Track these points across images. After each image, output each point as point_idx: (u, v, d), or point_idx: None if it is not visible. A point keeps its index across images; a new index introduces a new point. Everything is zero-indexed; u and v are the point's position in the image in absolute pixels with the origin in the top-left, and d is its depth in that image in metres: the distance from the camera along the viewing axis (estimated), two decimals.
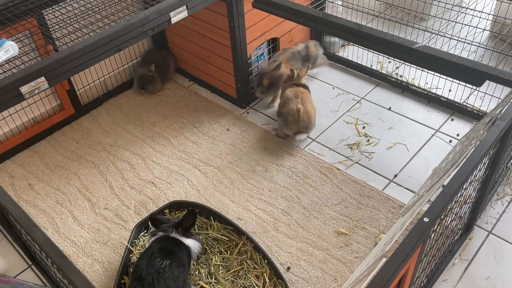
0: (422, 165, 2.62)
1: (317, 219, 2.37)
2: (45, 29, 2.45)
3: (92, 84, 3.21)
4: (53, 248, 1.46)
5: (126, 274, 2.13)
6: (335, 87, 3.23)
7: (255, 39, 2.93)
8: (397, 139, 2.79)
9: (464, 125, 2.85)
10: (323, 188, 2.53)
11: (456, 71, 1.98)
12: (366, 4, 3.29)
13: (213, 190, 2.57)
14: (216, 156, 2.78)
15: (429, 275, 1.97)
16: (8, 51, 2.03)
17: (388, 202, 2.42)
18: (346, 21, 2.26)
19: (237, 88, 3.06)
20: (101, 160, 2.82)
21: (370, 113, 2.99)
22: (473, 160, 1.57)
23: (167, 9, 2.21)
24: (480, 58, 2.89)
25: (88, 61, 2.02)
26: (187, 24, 3.09)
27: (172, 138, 2.93)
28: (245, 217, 2.41)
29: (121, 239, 2.37)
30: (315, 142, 2.83)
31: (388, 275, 1.23)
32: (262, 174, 2.64)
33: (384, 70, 3.27)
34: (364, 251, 2.22)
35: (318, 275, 2.14)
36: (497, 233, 2.26)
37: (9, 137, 2.88)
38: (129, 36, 2.11)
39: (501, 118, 1.70)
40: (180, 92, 3.33)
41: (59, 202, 2.58)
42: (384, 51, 2.20)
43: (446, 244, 1.99)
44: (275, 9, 2.48)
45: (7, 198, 1.64)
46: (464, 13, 2.96)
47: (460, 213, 1.96)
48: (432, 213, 1.40)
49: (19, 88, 1.83)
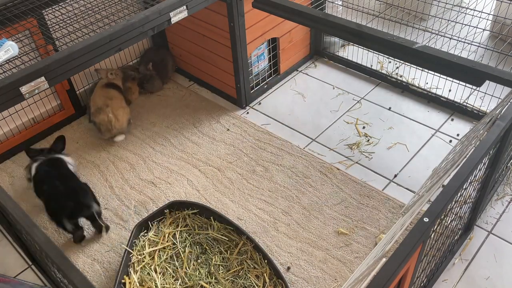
0: (422, 165, 2.62)
1: (317, 219, 2.37)
2: (45, 29, 2.44)
3: (92, 84, 3.21)
4: (53, 248, 1.46)
5: (126, 274, 2.13)
6: (335, 87, 3.23)
7: (255, 39, 2.93)
8: (397, 139, 2.80)
9: (464, 125, 2.85)
10: (323, 188, 2.53)
11: (456, 71, 1.98)
12: (366, 4, 3.29)
13: (213, 190, 2.57)
14: (216, 156, 2.78)
15: (429, 275, 1.98)
16: (8, 51, 2.03)
17: (388, 202, 2.42)
18: (346, 21, 2.26)
19: (237, 88, 3.06)
20: (101, 160, 2.82)
21: (370, 113, 2.99)
22: (473, 160, 1.57)
23: (167, 9, 2.21)
24: (480, 58, 2.89)
25: (88, 61, 2.02)
26: (187, 24, 3.09)
27: (172, 138, 2.94)
28: (245, 217, 2.41)
29: (121, 239, 2.37)
30: (315, 142, 2.83)
31: (388, 275, 1.23)
32: (262, 174, 2.64)
33: (384, 70, 3.27)
34: (364, 251, 2.22)
35: (318, 275, 2.14)
36: (497, 233, 2.26)
37: (9, 137, 2.88)
38: (129, 36, 2.11)
39: (501, 118, 1.70)
40: (180, 92, 3.33)
41: None
42: (384, 51, 2.20)
43: (446, 244, 1.99)
44: (275, 9, 2.48)
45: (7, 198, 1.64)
46: (464, 13, 2.96)
47: (460, 213, 1.96)
48: (432, 213, 1.40)
49: (19, 88, 1.83)
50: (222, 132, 2.94)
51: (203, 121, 3.04)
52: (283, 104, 3.14)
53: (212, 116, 3.08)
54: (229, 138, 2.89)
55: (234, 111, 3.11)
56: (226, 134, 2.93)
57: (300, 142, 2.83)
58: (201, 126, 3.00)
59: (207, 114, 3.10)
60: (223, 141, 2.88)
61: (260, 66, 3.17)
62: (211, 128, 2.98)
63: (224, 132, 2.94)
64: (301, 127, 2.95)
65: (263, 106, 3.14)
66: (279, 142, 2.83)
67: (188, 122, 3.05)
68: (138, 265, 2.17)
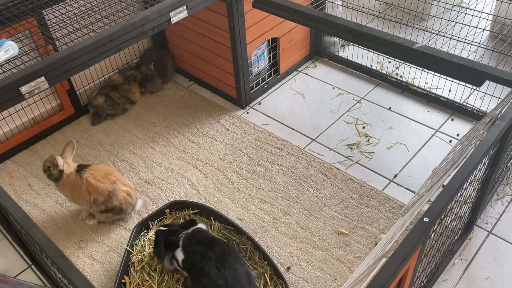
0: (422, 165, 2.62)
1: (317, 219, 2.37)
2: (45, 29, 2.44)
3: (92, 84, 3.21)
4: (53, 248, 1.46)
5: (126, 274, 2.13)
6: (335, 87, 3.23)
7: (255, 39, 2.93)
8: (397, 139, 2.80)
9: (464, 125, 2.85)
10: (323, 188, 2.53)
11: (456, 71, 1.98)
12: (366, 4, 3.29)
13: (213, 190, 2.57)
14: (216, 156, 2.78)
15: (429, 275, 1.97)
16: (8, 51, 2.03)
17: (388, 202, 2.42)
18: (346, 21, 2.26)
19: (237, 88, 3.06)
20: (101, 160, 2.82)
21: (370, 113, 2.99)
22: (473, 160, 1.57)
23: (167, 9, 2.21)
24: (480, 58, 2.89)
25: (88, 61, 2.02)
26: (187, 24, 3.09)
27: (172, 138, 2.94)
28: (245, 217, 2.41)
29: (121, 239, 2.37)
30: (315, 142, 2.83)
31: (388, 275, 1.23)
32: (262, 174, 2.64)
33: (384, 70, 3.27)
34: (364, 251, 2.22)
35: (318, 275, 2.14)
36: (497, 233, 2.26)
37: (9, 137, 2.88)
38: (129, 36, 2.11)
39: (501, 118, 1.70)
40: (180, 92, 3.32)
41: (59, 202, 2.58)
42: (384, 51, 2.20)
43: (446, 244, 1.99)
44: (275, 9, 2.48)
45: (7, 198, 1.64)
46: (464, 13, 2.95)
47: (460, 213, 1.96)
48: (432, 213, 1.40)
49: (19, 88, 1.83)
50: (222, 132, 2.94)
51: (203, 121, 3.04)
52: (283, 104, 3.14)
53: (212, 116, 3.08)
54: (229, 138, 2.89)
55: (234, 111, 3.11)
56: (226, 134, 2.93)
57: (300, 142, 2.83)
58: (201, 126, 3.00)
59: (207, 114, 3.10)
60: (223, 141, 2.88)
61: (260, 66, 3.17)
62: (211, 128, 2.98)
63: (224, 132, 2.94)
64: (301, 127, 2.95)
65: (263, 106, 3.14)
66: (279, 142, 2.83)
67: (188, 122, 3.05)
68: (138, 265, 2.17)
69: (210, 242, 1.96)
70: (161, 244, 2.03)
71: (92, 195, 2.28)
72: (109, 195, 2.29)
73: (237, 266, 1.89)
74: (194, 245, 1.95)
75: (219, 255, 1.90)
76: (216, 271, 1.84)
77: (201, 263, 1.88)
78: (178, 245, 1.99)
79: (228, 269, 1.85)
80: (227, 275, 1.83)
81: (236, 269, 1.87)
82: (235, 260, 1.91)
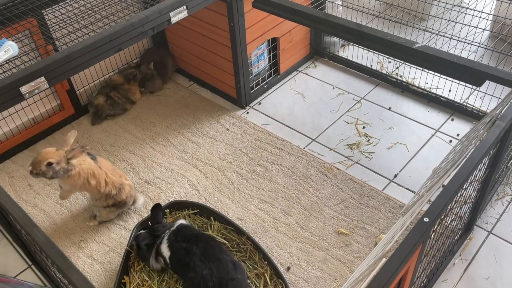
0: (422, 165, 2.62)
1: (317, 219, 2.37)
2: (45, 29, 2.44)
3: (92, 84, 3.21)
4: (53, 248, 1.46)
5: (126, 274, 2.13)
6: (335, 87, 3.23)
7: (255, 39, 2.93)
8: (397, 139, 2.80)
9: (464, 125, 2.85)
10: (323, 188, 2.53)
11: (456, 71, 1.98)
12: (366, 4, 3.29)
13: (213, 190, 2.57)
14: (216, 156, 2.78)
15: (429, 275, 1.97)
16: (8, 51, 2.03)
17: (388, 202, 2.42)
18: (346, 21, 2.26)
19: (237, 88, 3.06)
20: None
21: (370, 113, 2.99)
22: (473, 160, 1.57)
23: (167, 9, 2.21)
24: (480, 58, 2.90)
25: (88, 61, 2.02)
26: (187, 24, 3.09)
27: (172, 138, 2.93)
28: (245, 217, 2.41)
29: (121, 239, 2.37)
30: (315, 142, 2.83)
31: (388, 275, 1.23)
32: (262, 174, 2.64)
33: (384, 70, 3.27)
34: (364, 251, 2.22)
35: (318, 275, 2.14)
36: (497, 233, 2.26)
37: (9, 137, 2.88)
38: (129, 36, 2.11)
39: (501, 118, 1.70)
40: (180, 92, 3.32)
41: (59, 202, 2.58)
42: (384, 51, 2.20)
43: (446, 244, 1.99)
44: (275, 9, 2.48)
45: (7, 198, 1.64)
46: (464, 13, 2.95)
47: (460, 213, 1.96)
48: (432, 213, 1.40)
49: (19, 88, 1.83)
50: (222, 132, 2.94)
51: (203, 121, 3.04)
52: (283, 104, 3.14)
53: (212, 116, 3.08)
54: (229, 138, 2.89)
55: (234, 111, 3.11)
56: (226, 134, 2.93)
57: (300, 142, 2.83)
58: (201, 126, 3.00)
59: (207, 114, 3.10)
60: (223, 141, 2.88)
61: (260, 66, 3.17)
62: (211, 128, 2.98)
63: (224, 132, 2.94)
64: (301, 127, 2.95)
65: (263, 106, 3.14)
66: (279, 142, 2.83)
67: (188, 122, 3.05)
68: (138, 265, 2.17)
69: (194, 238, 2.03)
70: (142, 245, 2.09)
71: (108, 187, 2.27)
72: (120, 188, 2.32)
73: (221, 256, 1.96)
74: (180, 242, 2.02)
75: (203, 249, 1.97)
76: (200, 264, 1.92)
77: (186, 260, 1.96)
78: (162, 242, 2.06)
79: (212, 261, 1.93)
80: (212, 266, 1.91)
81: (220, 259, 1.94)
82: (219, 251, 1.98)
